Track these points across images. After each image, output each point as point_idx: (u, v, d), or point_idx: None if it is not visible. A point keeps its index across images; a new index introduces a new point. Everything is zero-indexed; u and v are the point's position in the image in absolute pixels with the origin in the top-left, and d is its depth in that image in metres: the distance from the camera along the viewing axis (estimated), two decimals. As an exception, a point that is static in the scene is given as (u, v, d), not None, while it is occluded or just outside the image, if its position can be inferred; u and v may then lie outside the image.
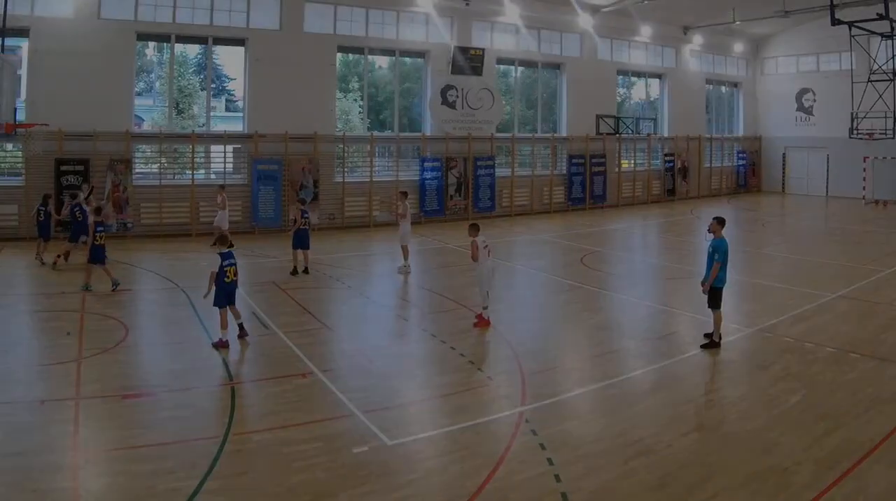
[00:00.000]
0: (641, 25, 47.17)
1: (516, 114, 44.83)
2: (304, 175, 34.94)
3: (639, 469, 10.47)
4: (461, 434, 11.75)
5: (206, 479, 10.01)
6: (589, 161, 45.29)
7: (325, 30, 36.70)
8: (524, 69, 45.36)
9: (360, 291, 22.66)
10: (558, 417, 12.55)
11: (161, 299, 21.19)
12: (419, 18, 39.50)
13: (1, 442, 10.95)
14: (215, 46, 35.58)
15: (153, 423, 11.98)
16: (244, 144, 34.70)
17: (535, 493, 9.82)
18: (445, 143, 39.65)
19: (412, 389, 14.25)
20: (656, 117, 50.80)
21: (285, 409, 12.66)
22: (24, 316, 19.17)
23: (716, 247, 16.18)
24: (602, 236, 35.35)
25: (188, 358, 15.49)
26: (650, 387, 14.10)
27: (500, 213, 41.45)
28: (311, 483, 10.02)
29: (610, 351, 16.53)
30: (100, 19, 31.37)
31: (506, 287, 22.24)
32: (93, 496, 9.62)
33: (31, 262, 25.09)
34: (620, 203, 47.40)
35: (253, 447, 11.18)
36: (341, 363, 15.54)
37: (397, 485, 10.05)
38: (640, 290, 23.10)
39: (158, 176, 33.20)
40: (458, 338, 17.13)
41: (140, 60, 36.84)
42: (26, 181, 30.25)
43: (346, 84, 45.06)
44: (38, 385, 13.63)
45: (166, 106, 35.85)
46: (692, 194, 51.94)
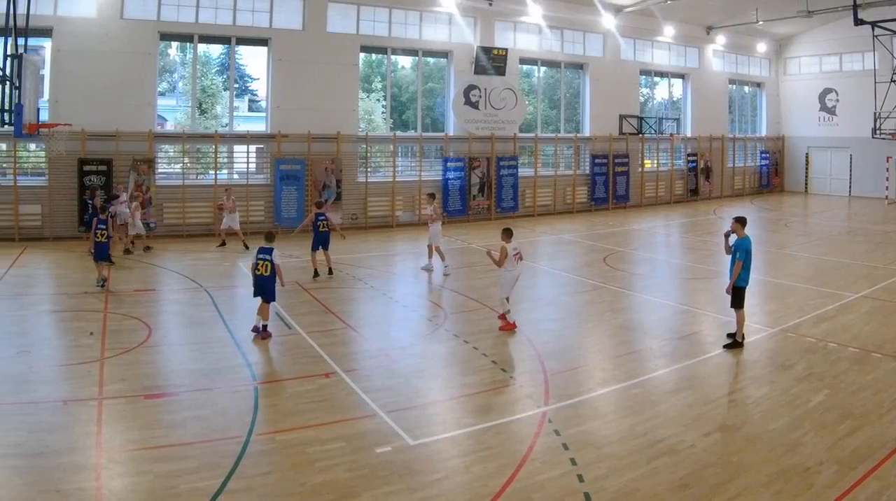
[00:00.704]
0: (664, 25, 46.30)
1: (539, 114, 44.07)
2: (326, 175, 34.39)
3: (662, 470, 10.37)
4: (484, 434, 11.64)
5: (229, 479, 9.93)
6: (612, 161, 44.53)
7: (348, 30, 36.11)
8: (547, 69, 44.58)
9: (383, 291, 22.33)
10: (581, 417, 12.40)
11: (184, 299, 20.87)
12: (442, 18, 38.82)
13: (24, 442, 10.83)
14: (238, 46, 35.05)
15: (176, 423, 11.87)
16: (267, 144, 34.20)
17: (558, 493, 9.71)
18: (468, 143, 39.00)
19: (435, 389, 14.06)
20: (679, 117, 49.87)
21: (308, 409, 12.50)
22: (47, 316, 18.97)
23: (738, 247, 16.05)
24: (625, 236, 34.74)
25: (211, 358, 15.26)
26: (673, 387, 13.90)
27: (522, 213, 40.77)
28: (334, 483, 9.92)
29: (633, 351, 16.29)
30: (122, 19, 30.93)
31: (529, 287, 21.79)
32: (116, 496, 9.49)
33: (53, 262, 24.77)
34: (643, 203, 46.65)
35: (276, 447, 11.05)
36: (364, 363, 15.35)
37: (420, 485, 9.95)
38: (662, 290, 22.71)
39: (181, 176, 32.73)
40: (481, 338, 16.92)
41: (163, 60, 36.31)
42: (49, 181, 29.85)
43: (369, 84, 44.48)
44: (61, 385, 13.44)
45: (189, 106, 35.23)
46: (715, 194, 51.08)
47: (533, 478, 10.08)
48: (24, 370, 14.13)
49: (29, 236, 29.24)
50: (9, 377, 13.71)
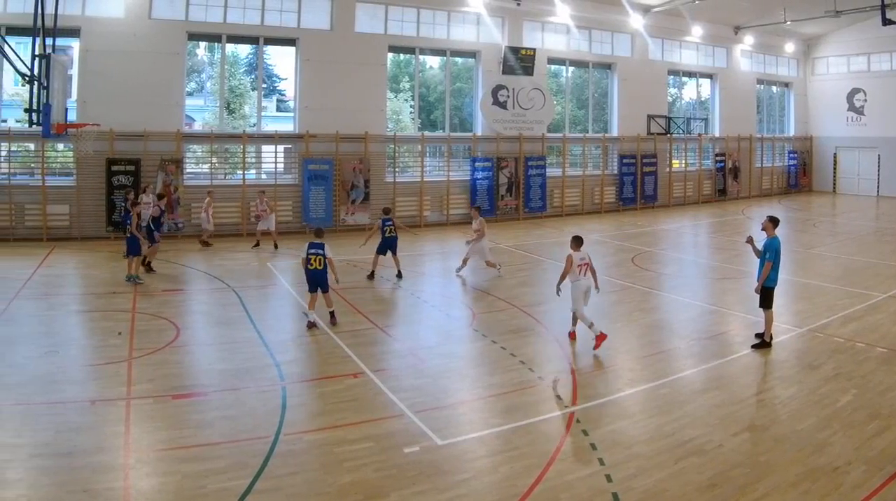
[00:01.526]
0: (692, 25, 45.20)
1: (567, 114, 43.15)
2: (354, 175, 33.66)
3: (690, 470, 10.21)
4: (512, 434, 11.46)
5: (257, 479, 9.81)
6: (640, 161, 43.48)
7: (376, 30, 35.39)
8: (575, 69, 43.78)
9: (412, 291, 21.88)
10: (609, 417, 12.25)
11: (212, 299, 20.49)
12: (470, 18, 37.96)
13: (52, 442, 10.70)
14: (266, 46, 34.43)
15: (204, 423, 11.71)
16: (295, 144, 33.50)
17: (587, 493, 9.57)
18: (496, 143, 38.17)
19: (463, 389, 13.83)
20: (707, 117, 48.66)
21: (336, 409, 12.33)
22: (76, 316, 18.72)
23: (767, 246, 15.77)
24: (653, 236, 33.97)
25: (239, 358, 15.05)
26: (701, 387, 13.67)
27: (551, 213, 39.86)
28: (362, 483, 9.79)
29: (661, 351, 16.00)
30: (150, 19, 30.40)
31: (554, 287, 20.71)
32: (143, 496, 9.38)
33: (81, 262, 24.40)
34: (671, 203, 45.56)
35: (304, 447, 10.91)
36: (392, 363, 15.14)
37: (448, 485, 9.81)
38: (690, 290, 22.30)
39: (209, 176, 32.19)
40: (510, 338, 16.64)
41: (191, 60, 35.51)
42: (77, 181, 29.35)
43: (397, 84, 43.64)
44: (89, 385, 13.30)
45: (217, 106, 34.60)
46: (743, 194, 49.91)
47: (561, 478, 9.93)
48: (52, 370, 13.91)
49: (57, 236, 28.73)
50: (37, 377, 13.53)
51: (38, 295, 20.25)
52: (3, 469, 9.88)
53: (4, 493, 9.31)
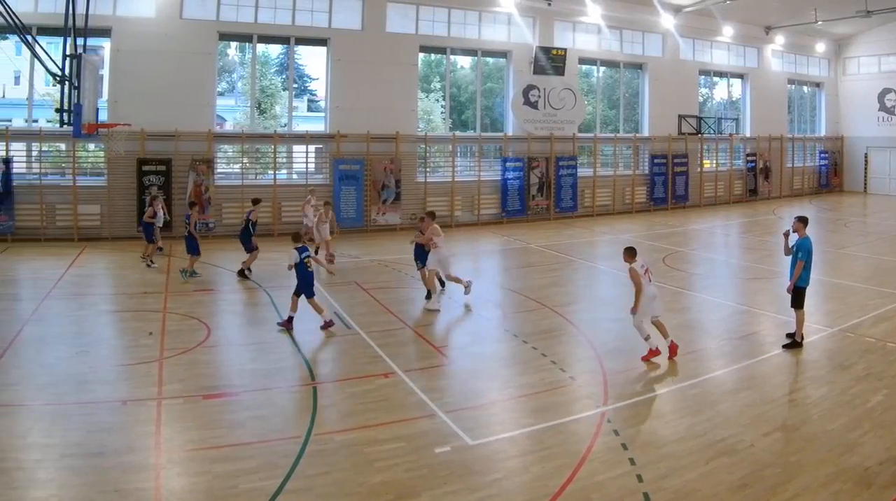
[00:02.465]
0: (723, 25, 43.75)
1: (598, 114, 42.04)
2: (386, 175, 32.79)
3: (721, 469, 10.04)
4: (543, 434, 11.27)
5: (288, 479, 9.66)
6: (671, 161, 42.23)
7: (408, 30, 34.52)
8: (606, 69, 42.46)
9: (443, 291, 20.95)
10: (640, 417, 12.05)
11: (243, 299, 20.24)
12: (501, 18, 36.92)
13: (83, 442, 10.53)
14: (297, 46, 33.61)
15: (235, 423, 11.55)
16: (326, 144, 32.74)
17: (618, 493, 9.41)
18: (527, 143, 37.13)
19: (494, 389, 13.56)
20: (738, 117, 47.33)
21: (367, 409, 12.13)
22: (106, 316, 18.36)
23: (799, 246, 15.41)
24: (684, 236, 33.08)
25: (270, 358, 14.81)
26: (732, 387, 13.41)
27: (581, 213, 38.75)
28: (393, 483, 9.64)
29: (692, 350, 15.45)
30: (182, 19, 29.73)
31: (587, 287, 21.63)
32: (174, 495, 9.26)
33: (112, 262, 24.22)
34: (702, 203, 44.22)
35: (335, 447, 10.71)
36: (423, 363, 14.85)
37: (479, 485, 9.65)
38: (721, 290, 21.74)
39: (240, 176, 31.47)
40: (541, 338, 16.30)
41: (222, 60, 34.84)
42: (109, 181, 28.73)
43: (428, 84, 42.63)
44: (120, 385, 13.09)
45: (248, 106, 33.84)
46: (774, 194, 48.37)
47: (592, 478, 9.77)
48: (83, 370, 13.68)
49: (88, 236, 28.15)
50: (68, 377, 13.29)
51: (69, 296, 19.83)
52: (35, 469, 9.74)
53: (36, 493, 9.17)
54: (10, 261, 24.39)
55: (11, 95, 31.53)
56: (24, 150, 28.51)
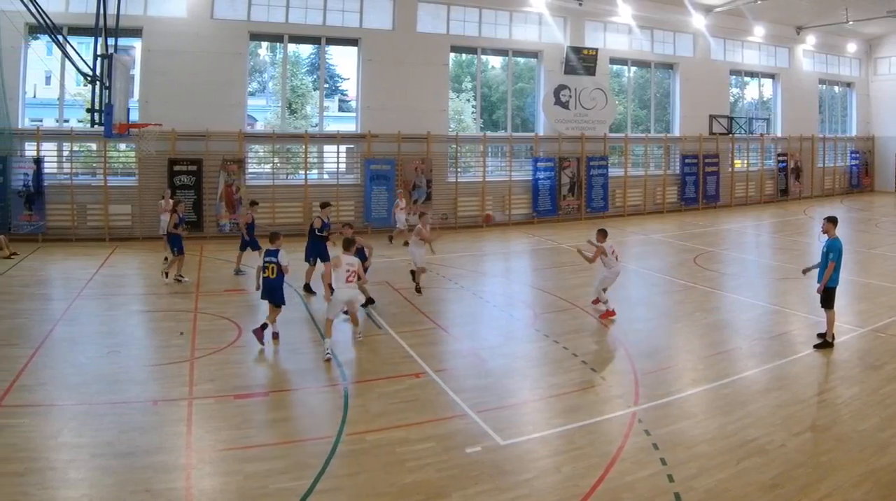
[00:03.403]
0: (754, 25, 42.32)
1: (629, 114, 40.80)
2: (416, 175, 31.86)
3: (751, 470, 9.76)
4: (574, 433, 10.97)
5: (319, 479, 9.38)
6: (702, 161, 40.82)
7: (438, 30, 33.47)
8: (637, 69, 41.14)
9: (473, 291, 20.68)
10: (671, 417, 11.63)
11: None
12: (532, 18, 35.80)
13: (114, 442, 10.26)
14: (328, 46, 32.52)
15: (266, 423, 11.32)
16: (357, 144, 31.81)
17: (648, 493, 9.13)
18: (558, 143, 35.95)
19: (525, 389, 13.14)
20: (769, 117, 45.81)
21: (398, 409, 11.78)
22: (137, 316, 17.88)
23: (830, 247, 15.03)
24: (715, 236, 32.00)
25: (301, 359, 14.40)
26: (763, 387, 12.99)
27: (612, 213, 37.55)
28: (424, 483, 9.37)
29: (723, 351, 15.16)
30: (213, 19, 28.96)
31: (619, 287, 19.97)
32: (205, 495, 9.00)
33: (143, 262, 23.53)
34: (733, 203, 42.80)
35: (365, 447, 10.43)
36: (454, 363, 14.42)
37: (510, 485, 9.35)
38: (752, 290, 20.98)
39: (271, 176, 30.64)
40: (572, 338, 15.85)
41: (253, 60, 34.00)
42: (140, 181, 28.01)
43: (458, 84, 41.34)
44: (151, 385, 12.76)
45: (279, 106, 32.86)
46: (805, 194, 46.79)
47: (623, 478, 9.50)
48: (114, 370, 13.35)
49: (119, 236, 27.49)
50: (99, 377, 12.96)
51: (100, 295, 19.38)
52: (66, 469, 9.47)
53: (67, 493, 8.92)
54: (42, 261, 23.90)
55: (43, 95, 30.83)
56: (55, 150, 27.95)
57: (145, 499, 8.77)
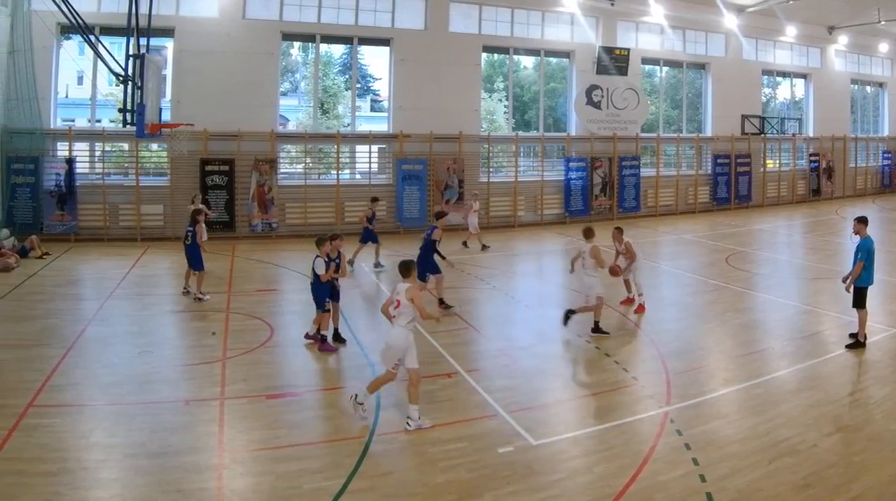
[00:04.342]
0: (786, 25, 40.61)
1: (661, 113, 39.23)
2: (448, 175, 30.71)
3: (783, 470, 9.44)
4: (606, 434, 10.70)
5: (351, 479, 9.15)
6: (734, 161, 39.30)
7: (470, 30, 32.25)
8: (669, 69, 39.68)
9: (505, 291, 20.26)
10: (703, 417, 11.30)
11: (306, 299, 18.29)
12: (564, 18, 34.45)
13: (146, 442, 10.01)
14: (360, 46, 31.55)
15: (298, 423, 10.94)
16: (389, 144, 30.71)
17: (681, 493, 8.84)
18: (590, 143, 34.61)
19: (557, 389, 12.88)
20: (801, 117, 43.99)
21: (430, 409, 11.27)
22: (170, 316, 17.33)
23: (860, 247, 14.64)
24: (747, 236, 30.75)
25: (333, 358, 14.05)
26: (795, 387, 12.59)
27: (644, 213, 36.22)
28: (456, 483, 9.13)
29: (754, 351, 14.66)
30: (245, 19, 28.02)
31: (651, 287, 19.72)
32: (237, 495, 8.78)
33: (175, 262, 22.26)
34: (765, 203, 41.15)
35: (398, 447, 10.21)
36: (486, 363, 13.96)
37: (542, 485, 9.09)
38: (784, 290, 20.32)
39: (303, 176, 29.59)
40: (604, 338, 15.35)
41: (285, 60, 32.90)
42: (171, 181, 27.09)
43: (490, 84, 39.92)
44: (183, 385, 12.44)
45: (311, 106, 31.82)
46: (837, 194, 44.99)
47: (655, 478, 9.22)
48: (146, 370, 12.98)
49: (151, 236, 26.61)
50: (131, 377, 12.60)
51: (132, 295, 18.85)
52: (98, 469, 9.22)
53: (99, 493, 8.67)
54: (73, 261, 23.27)
55: (75, 95, 30.08)
56: (87, 150, 27.20)
57: (177, 499, 8.52)
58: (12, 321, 16.05)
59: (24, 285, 19.61)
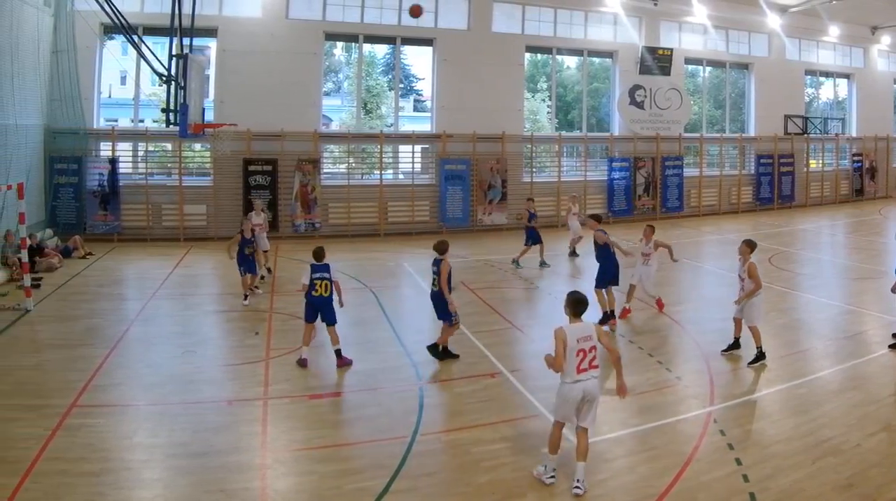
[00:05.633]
0: (829, 25, 38.30)
1: (704, 113, 37.15)
2: (491, 175, 29.02)
3: (827, 469, 8.91)
4: (649, 434, 10.08)
5: (394, 479, 8.67)
6: (777, 161, 37.05)
7: (513, 30, 30.48)
8: (712, 69, 37.51)
9: (548, 291, 19.13)
10: (746, 417, 10.75)
11: (349, 299, 17.21)
12: (607, 18, 32.53)
13: (189, 442, 9.56)
14: (403, 46, 29.97)
15: (340, 423, 10.70)
16: (432, 144, 29.10)
17: (724, 493, 8.36)
18: (633, 143, 32.70)
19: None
20: (844, 117, 41.68)
21: (473, 409, 11.00)
22: (213, 316, 16.70)
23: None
24: (790, 236, 29.04)
25: (376, 358, 13.36)
26: (838, 387, 11.99)
27: (688, 213, 34.16)
28: (499, 484, 8.61)
29: (798, 351, 14.04)
30: (287, 19, 26.65)
31: (694, 287, 19.92)
32: (280, 495, 8.34)
33: (218, 262, 21.13)
34: (808, 203, 38.79)
35: (440, 447, 9.72)
36: (529, 363, 13.13)
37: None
38: (827, 290, 19.41)
39: (346, 176, 28.12)
40: (647, 338, 14.73)
41: (328, 60, 31.29)
42: (215, 181, 25.86)
43: (533, 84, 38.04)
44: (226, 385, 11.99)
45: (354, 105, 30.23)
46: (880, 194, 42.35)
47: (698, 478, 8.73)
48: (189, 370, 12.52)
49: (194, 236, 25.42)
50: (174, 377, 12.18)
51: (175, 295, 18.12)
52: (141, 470, 8.86)
53: (142, 493, 8.32)
54: (117, 261, 22.33)
55: (118, 95, 29.03)
56: (130, 150, 25.98)
57: (220, 499, 8.18)
58: (56, 321, 15.47)
59: (68, 285, 18.86)
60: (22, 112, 21.53)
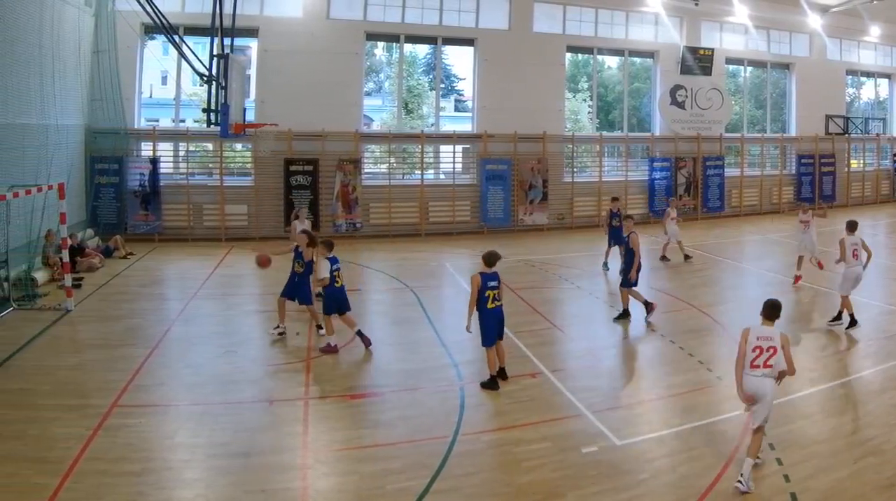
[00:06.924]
0: (870, 25, 35.95)
1: (745, 113, 35.05)
2: (532, 175, 27.31)
3: (868, 469, 8.41)
4: (690, 434, 9.64)
5: (435, 479, 8.30)
6: (818, 161, 34.82)
7: (554, 30, 28.68)
8: (753, 69, 35.28)
9: (590, 291, 18.36)
10: (787, 417, 10.00)
11: (390, 299, 17.74)
12: (648, 18, 30.63)
13: (230, 442, 9.21)
14: (444, 46, 28.29)
15: (381, 423, 10.06)
16: (473, 144, 27.47)
17: (765, 493, 7.92)
18: (674, 143, 30.74)
19: (641, 389, 11.69)
20: (885, 117, 39.22)
21: (514, 409, 10.49)
22: (254, 316, 15.92)
23: None
24: (831, 236, 26.24)
25: (417, 358, 12.86)
26: (879, 387, 11.33)
27: (729, 213, 32.18)
28: (541, 483, 8.25)
29: (839, 350, 13.52)
30: (328, 19, 25.20)
31: (734, 287, 19.20)
32: (321, 495, 8.04)
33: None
34: (850, 203, 36.41)
35: (482, 447, 9.31)
36: (570, 363, 12.94)
37: (626, 485, 8.19)
38: (868, 290, 17.69)
39: (387, 176, 26.65)
40: (688, 338, 14.02)
41: (369, 60, 29.75)
42: (256, 181, 24.58)
43: (574, 84, 36.06)
44: (267, 385, 11.44)
45: (395, 105, 28.75)
46: (921, 195, 39.74)
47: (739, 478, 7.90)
48: (230, 370, 12.09)
49: (235, 236, 24.13)
50: (215, 377, 11.76)
51: (217, 295, 17.39)
52: (182, 469, 8.54)
53: (183, 493, 8.03)
54: (158, 261, 21.34)
55: (159, 95, 27.77)
56: (171, 150, 24.64)
57: (261, 499, 7.90)
58: (97, 321, 14.90)
59: (109, 285, 18.13)
60: (63, 112, 20.32)
